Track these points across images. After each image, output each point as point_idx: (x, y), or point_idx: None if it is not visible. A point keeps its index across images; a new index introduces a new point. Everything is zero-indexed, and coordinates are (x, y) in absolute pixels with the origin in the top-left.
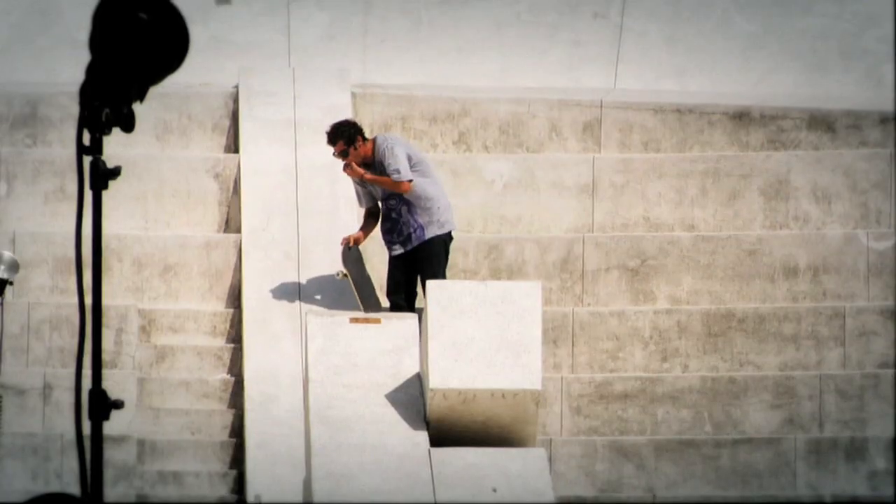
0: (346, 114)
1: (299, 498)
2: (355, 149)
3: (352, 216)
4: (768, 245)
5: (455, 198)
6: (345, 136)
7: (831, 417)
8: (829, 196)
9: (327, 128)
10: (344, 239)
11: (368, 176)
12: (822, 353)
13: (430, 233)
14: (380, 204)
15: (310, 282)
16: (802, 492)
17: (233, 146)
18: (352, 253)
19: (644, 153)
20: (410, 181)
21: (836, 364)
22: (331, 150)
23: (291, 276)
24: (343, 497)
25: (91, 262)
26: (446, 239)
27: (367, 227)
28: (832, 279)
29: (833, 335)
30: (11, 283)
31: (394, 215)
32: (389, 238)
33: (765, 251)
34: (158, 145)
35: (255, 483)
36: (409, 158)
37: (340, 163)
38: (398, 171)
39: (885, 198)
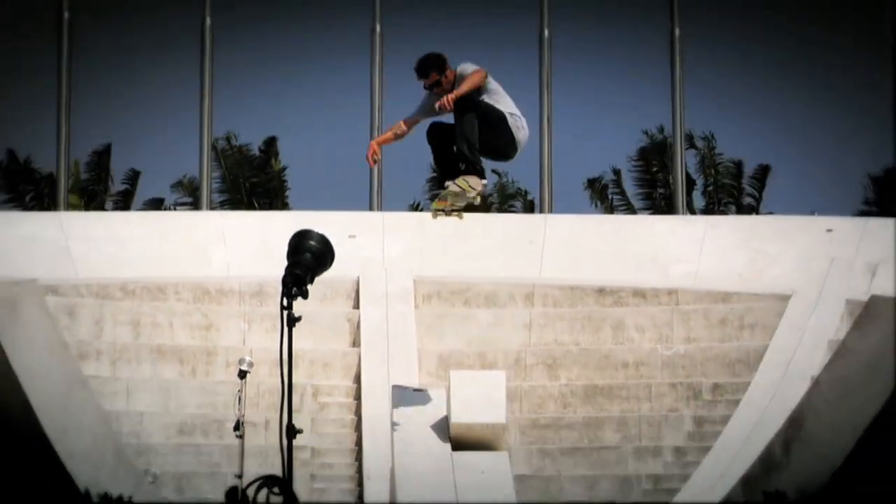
0: (410, 293)
1: (389, 466)
2: (446, 77)
3: (415, 337)
4: (613, 350)
5: (463, 330)
6: (435, 66)
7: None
8: (643, 328)
9: (415, 64)
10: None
11: (458, 92)
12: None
13: None
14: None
15: (395, 373)
16: None
17: (356, 305)
18: None
19: (553, 308)
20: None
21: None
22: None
23: (384, 369)
24: (409, 458)
25: (287, 362)
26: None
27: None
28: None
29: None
30: (249, 372)
31: None
32: None
33: (606, 353)
34: (321, 305)
35: (369, 459)
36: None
37: (406, 314)
38: (467, 68)
39: (666, 332)
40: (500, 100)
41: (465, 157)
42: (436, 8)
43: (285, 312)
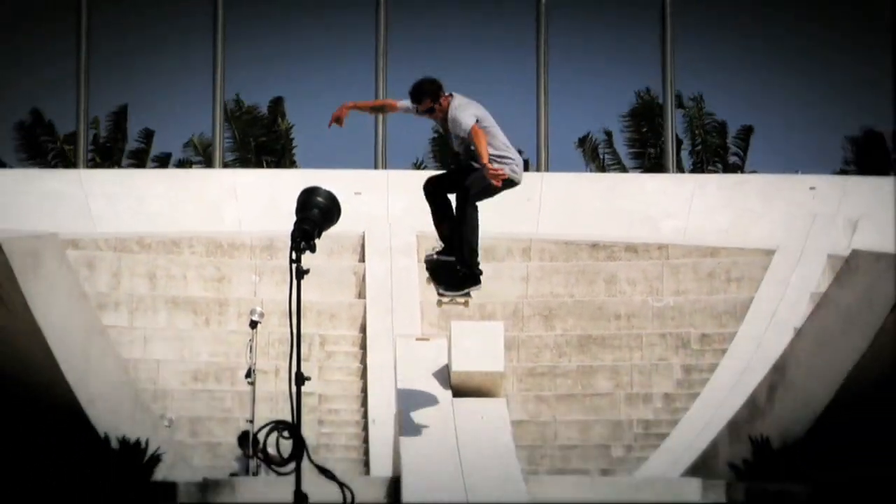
0: (414, 247)
1: (392, 412)
2: (440, 105)
3: (418, 290)
4: (606, 302)
5: None
6: (429, 94)
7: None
8: (634, 281)
9: (411, 88)
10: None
11: (486, 161)
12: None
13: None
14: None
15: (398, 322)
16: None
17: (362, 259)
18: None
19: (550, 262)
20: (475, 122)
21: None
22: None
23: (388, 319)
24: (412, 405)
25: (295, 312)
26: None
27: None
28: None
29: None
30: (260, 322)
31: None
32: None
33: (599, 304)
34: (328, 259)
35: (374, 405)
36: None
37: (409, 268)
38: (465, 128)
39: (657, 285)
40: (492, 140)
41: (465, 260)
42: None
43: (294, 266)
